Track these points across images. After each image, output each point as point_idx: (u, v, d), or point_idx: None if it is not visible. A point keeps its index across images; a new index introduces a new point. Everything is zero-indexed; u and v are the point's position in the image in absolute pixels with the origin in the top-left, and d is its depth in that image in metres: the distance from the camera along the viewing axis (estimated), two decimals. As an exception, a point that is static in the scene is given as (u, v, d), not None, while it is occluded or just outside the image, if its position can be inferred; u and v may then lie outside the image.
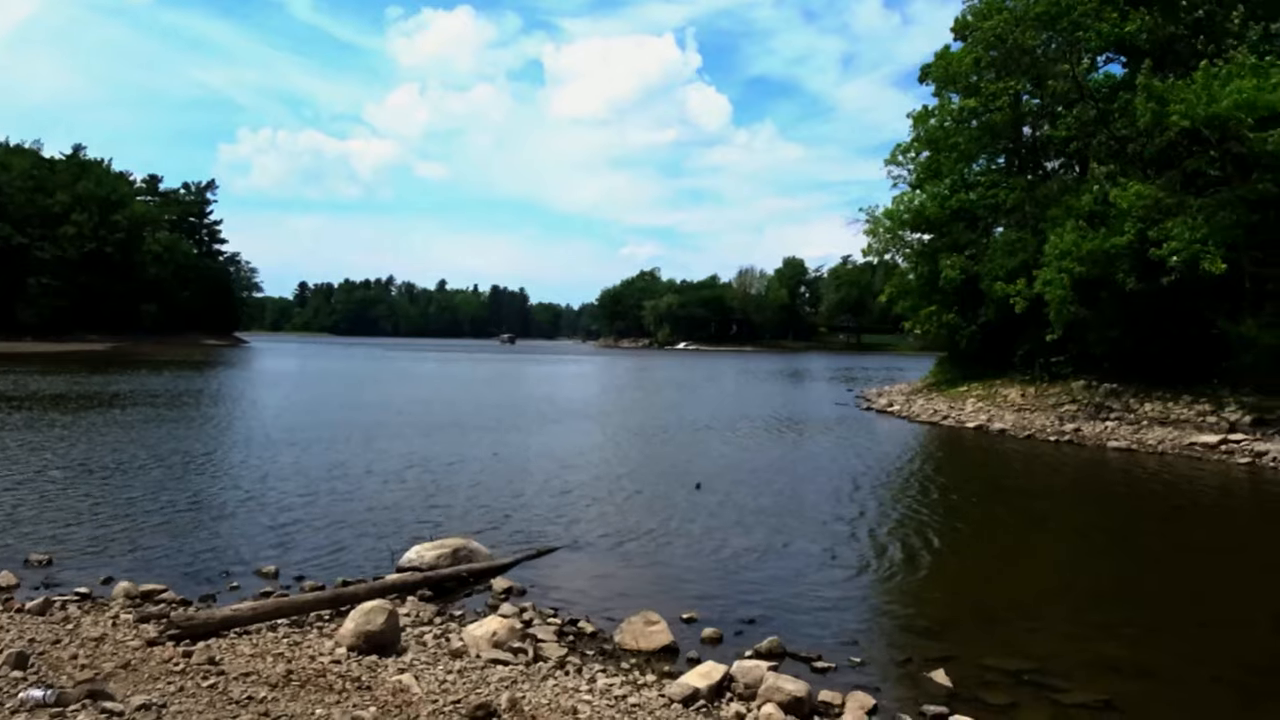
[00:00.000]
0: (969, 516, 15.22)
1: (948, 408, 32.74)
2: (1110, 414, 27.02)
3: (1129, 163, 27.90)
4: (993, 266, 32.49)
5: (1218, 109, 23.09)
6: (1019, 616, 9.49)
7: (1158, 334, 27.44)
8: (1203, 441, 22.81)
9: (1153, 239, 24.43)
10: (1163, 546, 13.64)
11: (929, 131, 37.64)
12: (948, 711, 6.88)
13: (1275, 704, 7.28)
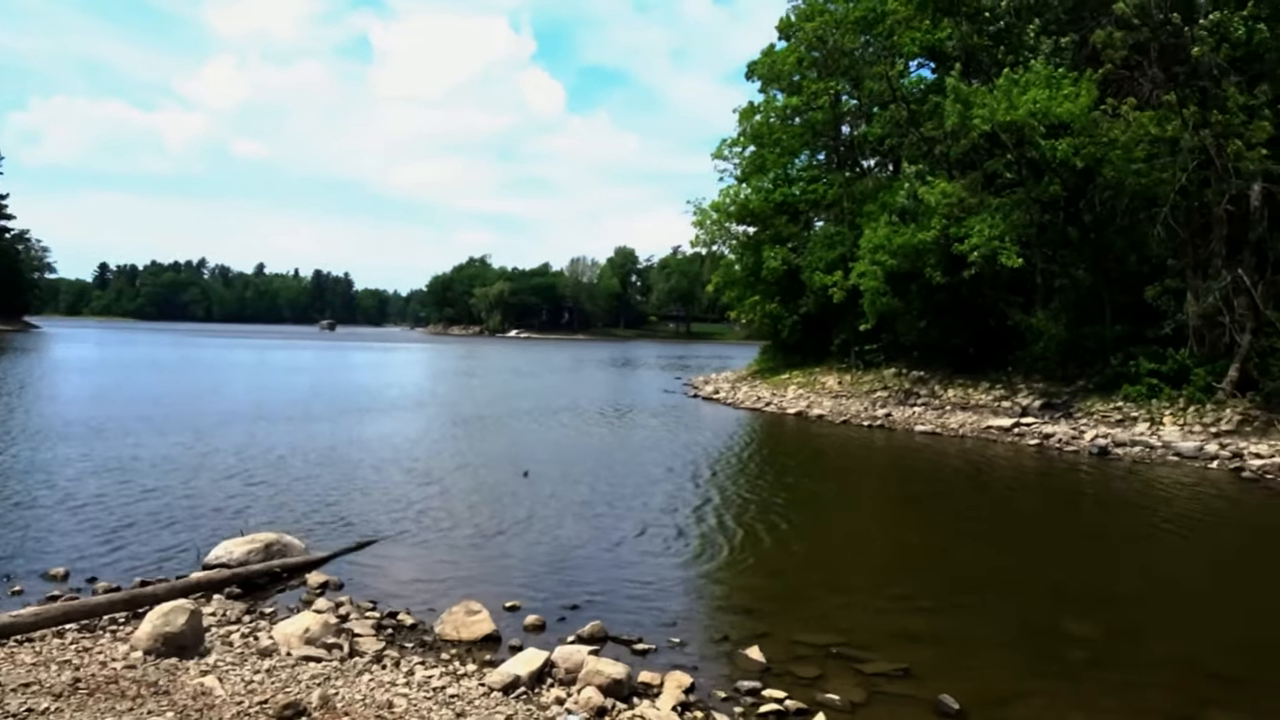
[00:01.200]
0: (787, 500, 15.80)
1: (770, 394, 33.90)
2: (918, 400, 28.68)
3: (937, 163, 29.64)
4: (813, 259, 33.85)
5: (1015, 116, 24.81)
6: (830, 593, 9.94)
7: (961, 325, 29.32)
8: (998, 425, 24.55)
9: (956, 235, 26.05)
10: (961, 524, 14.57)
11: (754, 127, 38.77)
12: (760, 686, 7.14)
13: (1048, 662, 7.90)
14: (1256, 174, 23.00)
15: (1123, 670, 7.82)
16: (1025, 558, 12.14)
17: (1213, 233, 24.12)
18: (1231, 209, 23.68)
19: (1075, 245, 26.87)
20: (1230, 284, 22.98)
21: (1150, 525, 14.26)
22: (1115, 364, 25.16)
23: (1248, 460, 19.22)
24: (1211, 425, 21.81)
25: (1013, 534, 13.82)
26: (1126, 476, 18.64)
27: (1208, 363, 23.54)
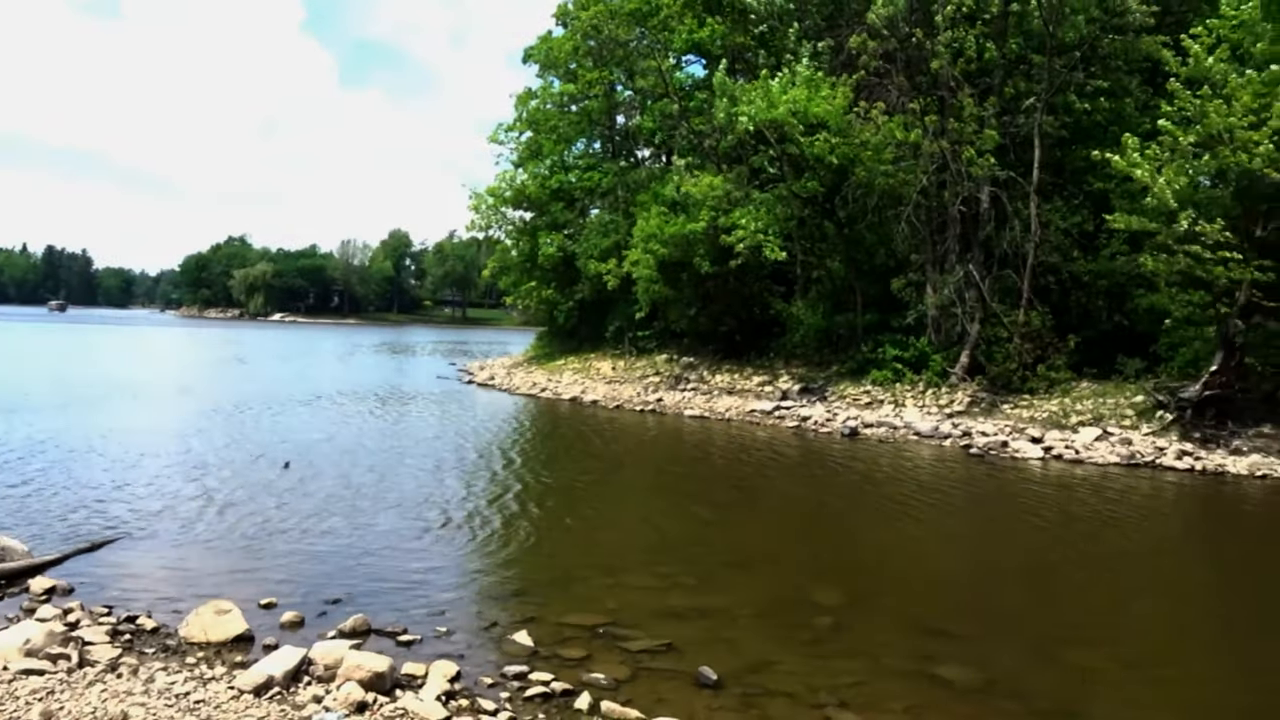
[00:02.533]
0: (560, 485, 15.93)
1: (546, 380, 34.04)
2: (688, 385, 29.67)
3: (706, 156, 30.69)
4: (588, 246, 34.24)
5: (776, 114, 26.11)
6: (599, 575, 10.10)
7: (728, 313, 30.60)
8: (761, 408, 25.81)
9: (724, 226, 27.12)
10: (724, 503, 15.22)
11: (531, 113, 38.69)
12: (528, 670, 7.16)
13: (798, 630, 8.41)
14: (986, 179, 25.38)
15: (862, 633, 8.44)
16: (781, 534, 12.85)
17: (949, 231, 26.42)
18: (964, 210, 26.02)
19: (831, 239, 28.67)
20: (963, 278, 25.26)
21: (892, 499, 15.45)
22: (865, 350, 27.09)
23: (975, 438, 21.21)
24: (946, 407, 23.91)
25: (771, 512, 14.59)
26: (873, 455, 20.11)
27: (944, 350, 25.80)
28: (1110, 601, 10.21)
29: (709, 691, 6.94)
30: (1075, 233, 25.71)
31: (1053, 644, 8.51)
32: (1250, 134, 18.60)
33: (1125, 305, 24.89)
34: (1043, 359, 24.30)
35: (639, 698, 6.76)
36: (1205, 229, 18.87)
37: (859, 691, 7.01)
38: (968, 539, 13.33)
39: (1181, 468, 18.68)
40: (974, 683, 7.29)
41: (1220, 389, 20.35)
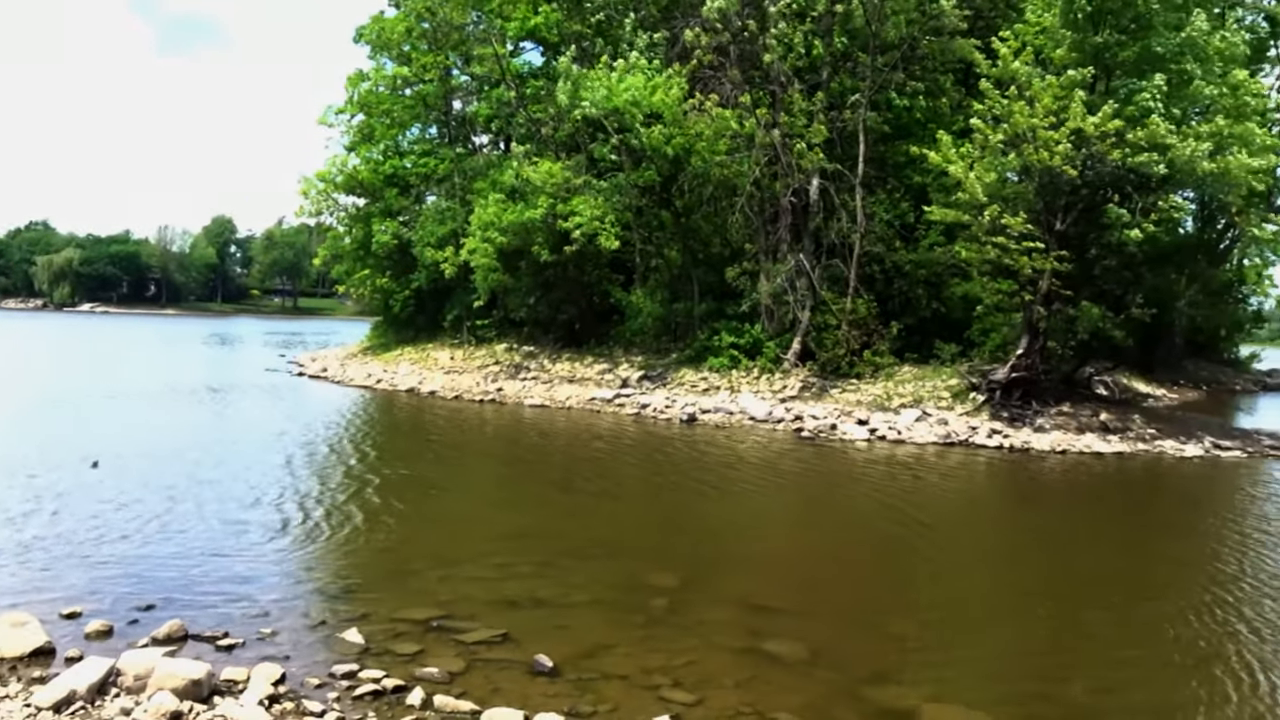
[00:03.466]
0: (395, 477, 15.53)
1: (382, 371, 33.12)
2: (528, 374, 29.50)
3: (544, 144, 30.52)
4: (424, 233, 33.47)
5: (615, 103, 26.23)
6: (433, 567, 9.90)
7: (568, 301, 30.58)
8: (602, 396, 25.94)
9: (562, 214, 27.05)
10: (563, 490, 15.21)
11: (363, 95, 37.40)
12: (358, 668, 6.94)
13: (634, 613, 8.50)
14: (815, 171, 26.31)
15: (696, 614, 8.61)
16: (620, 520, 12.95)
17: (781, 221, 27.27)
18: (795, 201, 26.90)
19: (668, 228, 29.08)
20: (794, 267, 26.13)
21: (727, 483, 15.86)
22: (703, 338, 27.64)
23: (806, 422, 22.01)
24: (779, 392, 24.71)
25: (610, 499, 14.68)
26: (710, 440, 20.55)
27: (777, 336, 26.65)
28: (926, 572, 10.81)
29: (545, 679, 6.92)
30: (897, 224, 27.05)
31: (873, 614, 8.94)
32: (1050, 134, 19.98)
33: (943, 293, 26.42)
34: (868, 345, 25.47)
35: (474, 689, 6.68)
36: (1011, 222, 20.18)
37: (691, 670, 7.14)
38: (798, 519, 13.83)
39: (992, 445, 19.97)
40: (799, 655, 7.57)
41: (1025, 371, 21.86)
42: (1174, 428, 21.83)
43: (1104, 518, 14.72)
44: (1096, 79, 21.62)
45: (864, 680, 7.15)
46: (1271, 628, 8.79)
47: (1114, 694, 7.23)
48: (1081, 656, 8.08)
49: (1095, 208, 21.02)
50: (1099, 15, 21.42)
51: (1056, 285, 21.30)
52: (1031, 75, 21.13)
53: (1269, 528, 13.90)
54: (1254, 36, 33.31)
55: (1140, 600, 9.92)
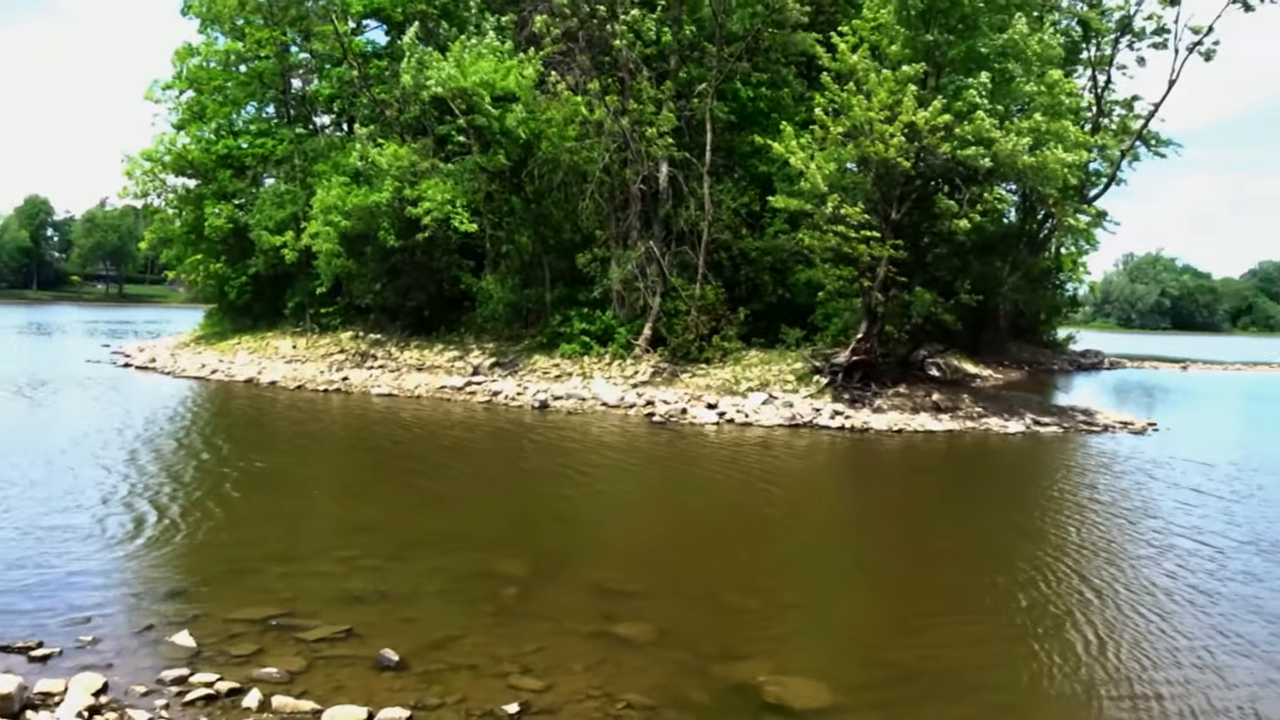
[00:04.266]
0: (230, 472, 14.80)
1: (217, 361, 31.55)
2: (375, 362, 28.71)
3: (389, 125, 29.66)
4: (262, 217, 31.97)
5: (464, 84, 25.73)
6: (272, 564, 9.51)
7: (416, 287, 29.85)
8: (452, 384, 25.51)
9: (410, 198, 26.38)
10: (410, 481, 14.87)
11: (193, 71, 35.30)
12: (189, 672, 6.60)
13: (483, 603, 8.42)
14: (664, 159, 26.59)
15: (546, 600, 8.60)
16: (469, 509, 12.78)
17: (631, 208, 27.44)
18: (645, 188, 27.12)
19: (519, 214, 28.79)
20: (644, 254, 26.35)
21: (579, 469, 15.87)
22: (555, 324, 27.54)
23: (658, 406, 22.28)
24: (631, 378, 24.90)
25: (460, 488, 14.45)
26: (563, 427, 20.52)
27: (628, 322, 26.83)
28: (774, 549, 11.14)
29: (390, 673, 6.75)
30: (744, 212, 27.66)
31: (723, 592, 9.15)
32: (886, 127, 20.83)
33: (787, 279, 27.22)
34: (717, 330, 25.99)
35: (315, 688, 6.46)
36: (850, 211, 20.95)
37: (541, 657, 7.11)
38: (649, 502, 13.99)
39: (835, 426, 20.73)
40: (649, 637, 7.65)
41: (865, 354, 22.78)
42: (999, 406, 23.22)
43: (937, 492, 15.54)
44: (928, 75, 22.65)
45: (712, 658, 7.29)
46: (1087, 588, 9.47)
47: (941, 656, 7.64)
48: (915, 622, 8.51)
49: (927, 198, 22.08)
50: (930, 14, 22.45)
51: (893, 272, 22.28)
52: (869, 70, 21.95)
53: (1082, 496, 15.00)
54: (1068, 40, 35.67)
55: (970, 567, 10.52)
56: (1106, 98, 43.19)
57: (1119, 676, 7.32)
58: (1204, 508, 13.78)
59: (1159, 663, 7.61)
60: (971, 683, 7.16)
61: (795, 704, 6.51)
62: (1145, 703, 6.83)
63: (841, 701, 6.61)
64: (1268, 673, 7.46)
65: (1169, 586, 9.66)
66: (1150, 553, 11.23)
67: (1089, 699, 6.93)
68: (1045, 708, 6.87)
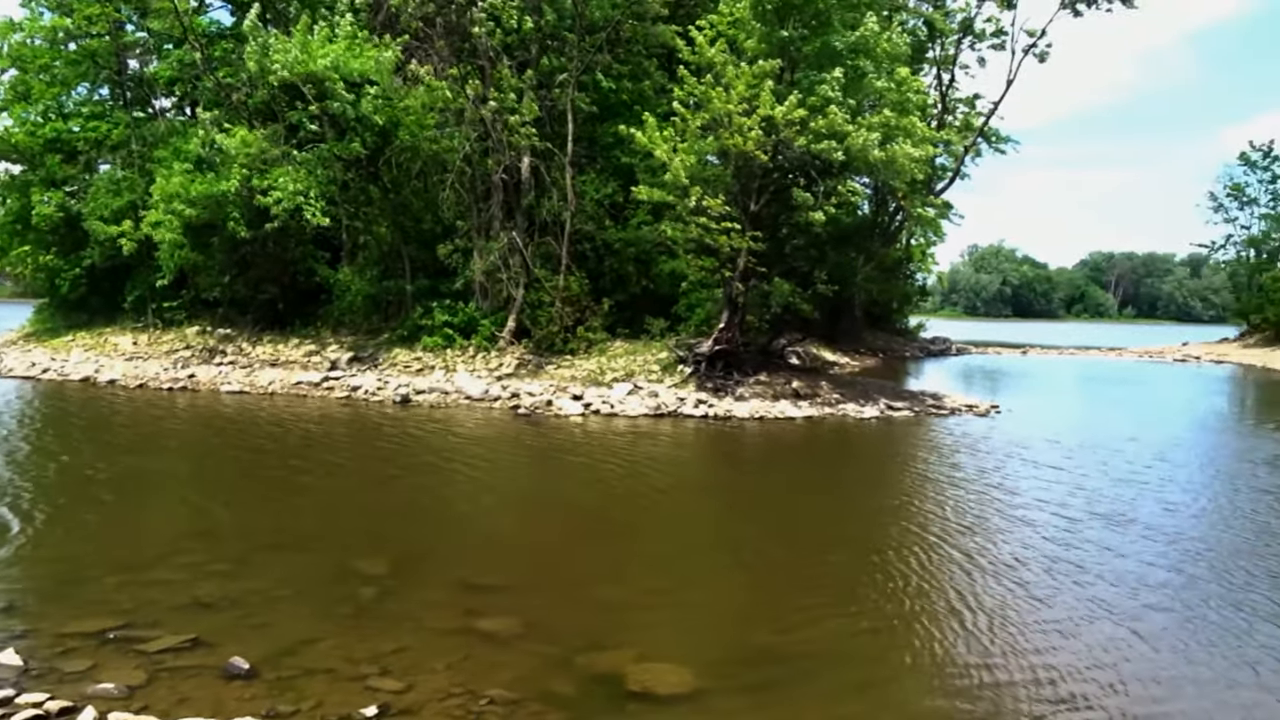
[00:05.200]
0: (62, 478, 13.89)
1: (49, 359, 29.52)
2: (225, 358, 27.44)
3: (235, 110, 28.32)
4: (97, 206, 30.03)
5: (314, 67, 24.79)
6: (112, 573, 8.95)
7: (269, 279, 28.65)
8: (309, 380, 24.63)
9: (260, 187, 25.26)
10: (263, 479, 14.27)
11: (15, 48, 32.74)
12: (15, 693, 6.13)
13: (340, 604, 8.14)
14: (526, 149, 26.33)
15: (407, 599, 8.39)
16: (327, 509, 12.36)
17: (493, 198, 27.07)
18: (507, 178, 26.81)
19: (377, 203, 27.99)
20: (507, 245, 26.05)
21: (443, 463, 15.57)
22: (416, 316, 26.92)
23: (522, 399, 22.08)
24: (495, 370, 24.60)
25: (316, 487, 13.96)
26: (425, 421, 20.10)
27: (492, 314, 26.49)
28: (640, 538, 11.21)
29: (240, 682, 6.45)
30: (607, 203, 27.70)
31: (588, 584, 9.13)
32: (744, 120, 21.20)
33: (651, 270, 27.42)
34: (582, 321, 25.96)
35: (157, 702, 6.11)
36: (711, 203, 21.24)
37: (401, 657, 6.93)
38: (515, 495, 13.83)
39: (699, 415, 21.02)
40: (513, 631, 7.55)
41: (727, 344, 23.18)
42: (855, 392, 24.03)
43: (800, 477, 15.94)
44: (784, 70, 23.16)
45: (578, 649, 7.25)
46: (949, 562, 9.88)
47: (808, 636, 7.83)
48: (782, 604, 8.70)
49: (785, 190, 22.59)
50: (784, 10, 22.98)
51: (753, 262, 22.73)
52: (727, 63, 22.29)
53: (935, 475, 15.69)
54: (915, 39, 37.20)
55: (835, 548, 10.81)
56: (951, 95, 45.34)
57: (983, 646, 7.64)
58: (1051, 482, 14.64)
59: (1022, 629, 8.02)
60: (837, 661, 7.36)
61: (660, 690, 6.55)
62: (1009, 668, 7.17)
63: (706, 686, 6.68)
64: (1121, 633, 7.95)
65: (1027, 557, 10.22)
66: (1005, 525, 11.85)
67: (955, 670, 7.20)
68: (912, 682, 7.06)
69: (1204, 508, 13.31)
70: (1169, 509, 12.96)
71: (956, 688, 6.88)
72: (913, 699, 6.79)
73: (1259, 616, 8.40)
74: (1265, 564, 10.13)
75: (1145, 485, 14.63)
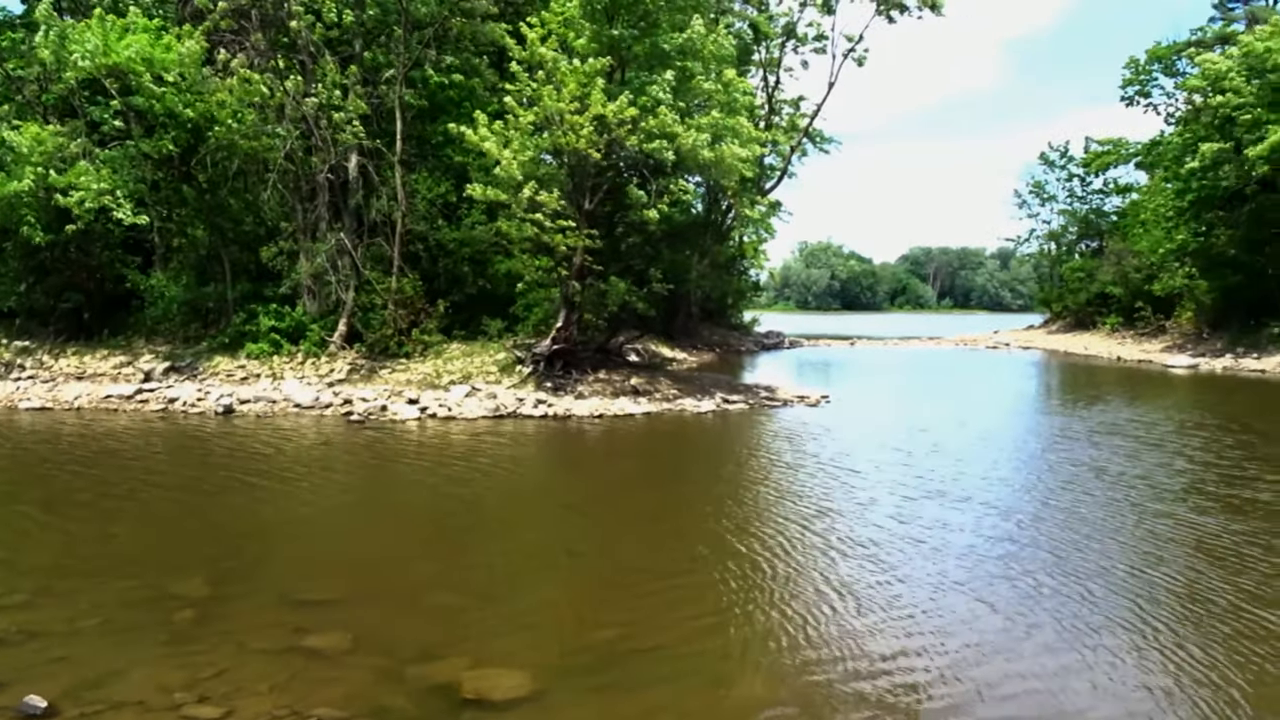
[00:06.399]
0: None
1: None
2: (24, 373, 25.33)
3: (28, 105, 26.19)
4: None
5: (117, 59, 23.22)
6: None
7: (72, 287, 26.64)
8: (120, 393, 23.03)
9: (58, 187, 23.44)
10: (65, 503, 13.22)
11: None
12: None
13: (153, 631, 7.62)
14: (353, 147, 25.50)
15: (228, 620, 7.92)
16: (138, 530, 11.55)
17: (319, 198, 26.08)
18: (333, 177, 25.88)
19: (192, 204, 26.49)
20: (335, 246, 25.16)
21: (268, 475, 14.83)
22: (239, 323, 25.64)
23: (355, 405, 21.37)
24: (326, 376, 23.72)
25: (124, 508, 13.03)
26: (250, 432, 19.14)
27: (321, 318, 25.51)
28: (478, 542, 11.00)
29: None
30: (440, 202, 27.15)
31: (422, 592, 8.88)
32: (576, 118, 21.21)
33: (487, 270, 27.06)
34: (416, 324, 25.36)
35: (-64, 753, 5.54)
36: (546, 200, 21.16)
37: (222, 681, 6.54)
38: (348, 504, 13.34)
39: (538, 415, 20.89)
40: (342, 646, 7.26)
41: (565, 343, 23.17)
42: (692, 387, 24.46)
43: (641, 472, 16.07)
44: (614, 69, 23.33)
45: (410, 660, 7.03)
46: (794, 548, 10.12)
47: (650, 632, 7.84)
48: (624, 602, 8.68)
49: (619, 189, 22.77)
50: (613, 10, 23.13)
51: (589, 261, 22.79)
52: (558, 61, 22.24)
53: (770, 464, 16.15)
54: (741, 42, 38.19)
55: (678, 541, 10.87)
56: (777, 97, 46.76)
57: (832, 627, 7.85)
58: (888, 465, 15.36)
59: (870, 606, 8.31)
60: (681, 656, 7.31)
61: (495, 696, 6.44)
62: (860, 644, 7.42)
63: (544, 688, 6.60)
64: (975, 606, 8.40)
65: (875, 537, 10.67)
66: (849, 508, 12.29)
67: (804, 655, 7.31)
68: (758, 672, 7.09)
69: (1028, 482, 14.29)
70: (998, 485, 13.86)
71: (812, 674, 7.01)
72: (763, 688, 6.82)
73: (1088, 576, 9.07)
74: (1086, 528, 11.05)
75: (974, 464, 15.58)
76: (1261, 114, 35.31)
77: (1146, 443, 18.03)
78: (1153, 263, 47.83)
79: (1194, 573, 9.31)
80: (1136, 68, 52.89)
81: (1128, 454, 16.57)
